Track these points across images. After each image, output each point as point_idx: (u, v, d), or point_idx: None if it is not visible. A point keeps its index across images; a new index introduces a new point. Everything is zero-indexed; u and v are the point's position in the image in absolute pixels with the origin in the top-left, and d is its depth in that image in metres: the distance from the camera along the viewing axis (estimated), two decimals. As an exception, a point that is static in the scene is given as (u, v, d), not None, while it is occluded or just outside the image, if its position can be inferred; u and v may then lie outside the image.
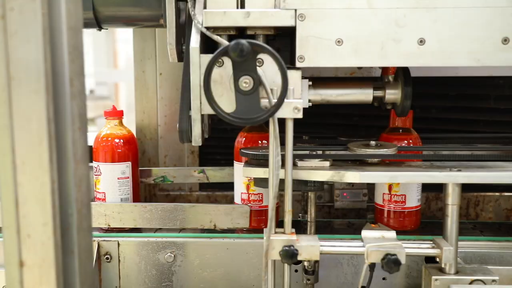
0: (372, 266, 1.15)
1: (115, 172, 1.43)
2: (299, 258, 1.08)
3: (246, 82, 1.01)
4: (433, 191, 1.74)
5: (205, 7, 1.11)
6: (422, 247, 1.11)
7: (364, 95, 1.22)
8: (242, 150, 1.23)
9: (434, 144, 1.37)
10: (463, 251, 1.28)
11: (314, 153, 1.22)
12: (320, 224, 1.59)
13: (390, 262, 1.03)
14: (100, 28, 1.30)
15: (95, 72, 6.92)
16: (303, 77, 1.22)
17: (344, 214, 1.72)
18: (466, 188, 1.74)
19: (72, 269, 0.78)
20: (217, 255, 1.34)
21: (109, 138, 1.46)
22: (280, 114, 1.04)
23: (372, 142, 1.23)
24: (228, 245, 1.33)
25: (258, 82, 1.01)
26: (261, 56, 1.05)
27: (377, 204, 1.46)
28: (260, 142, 1.41)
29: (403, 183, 1.40)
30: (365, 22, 1.06)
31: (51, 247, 0.75)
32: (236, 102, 1.03)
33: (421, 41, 1.06)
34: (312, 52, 1.07)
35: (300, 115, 1.05)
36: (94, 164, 1.45)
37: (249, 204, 1.38)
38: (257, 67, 1.03)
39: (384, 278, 1.33)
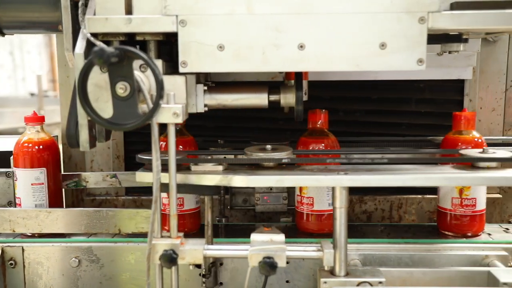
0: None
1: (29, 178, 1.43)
2: (182, 262, 1.09)
3: (122, 88, 1.02)
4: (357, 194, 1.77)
5: (95, 14, 1.12)
6: (306, 250, 1.11)
7: (259, 99, 1.23)
8: (139, 156, 1.24)
9: (337, 149, 1.38)
10: (363, 253, 1.29)
11: (209, 157, 1.23)
12: (244, 227, 1.60)
13: (266, 265, 1.04)
14: (2, 33, 1.30)
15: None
16: (203, 82, 1.24)
17: (269, 217, 1.73)
18: (389, 191, 1.77)
19: None
20: (123, 259, 1.34)
21: (29, 144, 1.46)
22: (159, 119, 1.05)
23: (268, 146, 1.24)
24: (132, 249, 1.34)
25: (134, 88, 1.02)
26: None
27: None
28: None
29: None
30: (246, 28, 1.07)
31: None
32: (113, 108, 1.03)
33: (301, 46, 1.07)
34: (195, 57, 1.08)
35: (179, 120, 1.06)
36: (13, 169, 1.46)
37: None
38: (137, 73, 1.04)
39: (287, 281, 1.34)
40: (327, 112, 1.44)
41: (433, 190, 1.76)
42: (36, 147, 1.45)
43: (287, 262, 1.31)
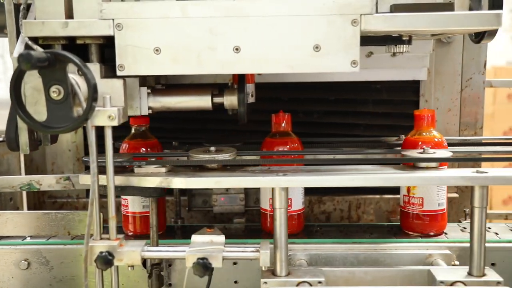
0: (210, 270, 1.16)
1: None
2: (120, 263, 1.10)
3: (55, 91, 1.02)
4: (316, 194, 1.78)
5: (36, 18, 1.13)
6: (245, 251, 1.12)
7: (203, 101, 1.25)
8: (83, 158, 1.25)
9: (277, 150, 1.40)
10: (309, 253, 1.31)
11: (153, 159, 1.24)
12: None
13: (200, 266, 1.05)
14: (-51, 37, 1.31)
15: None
16: (153, 85, 1.25)
17: (229, 218, 1.74)
18: (348, 191, 1.79)
19: None
20: (72, 262, 1.35)
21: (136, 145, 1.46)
22: (94, 122, 1.06)
23: (212, 148, 1.25)
24: (82, 251, 1.33)
25: (68, 91, 1.03)
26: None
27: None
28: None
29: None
30: (181, 31, 1.08)
31: None
32: (47, 111, 1.04)
33: (237, 49, 1.08)
34: (131, 61, 1.09)
35: (115, 123, 1.07)
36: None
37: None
38: (73, 76, 1.05)
39: (236, 282, 1.35)
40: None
41: (391, 190, 1.78)
42: (143, 149, 1.44)
43: (235, 263, 1.35)
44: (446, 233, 1.43)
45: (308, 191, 1.78)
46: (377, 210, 1.77)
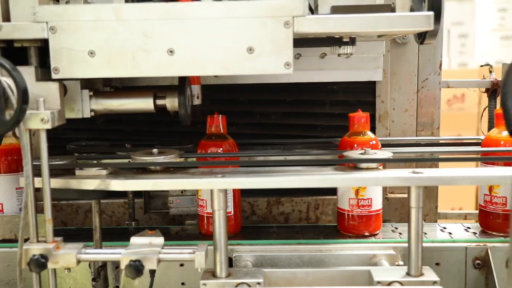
0: (152, 272, 1.16)
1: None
2: (55, 266, 1.10)
3: (-15, 95, 1.03)
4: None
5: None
6: (181, 253, 1.12)
7: (145, 103, 1.25)
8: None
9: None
10: (255, 255, 1.31)
11: (95, 162, 1.24)
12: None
13: (132, 268, 1.05)
14: None
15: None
16: (88, 88, 1.25)
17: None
18: (306, 192, 1.79)
19: None
20: (21, 265, 1.34)
21: None
22: (27, 125, 1.06)
23: (155, 150, 1.25)
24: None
25: (0, 94, 1.03)
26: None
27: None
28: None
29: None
30: (115, 34, 1.08)
31: None
32: (-22, 114, 1.04)
33: (171, 51, 1.08)
34: (66, 63, 1.09)
35: (48, 126, 1.06)
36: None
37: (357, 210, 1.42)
38: (5, 79, 1.05)
39: (183, 283, 1.35)
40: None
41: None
42: (220, 149, 1.44)
43: (181, 265, 1.35)
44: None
45: (267, 192, 1.79)
46: (335, 211, 1.76)
